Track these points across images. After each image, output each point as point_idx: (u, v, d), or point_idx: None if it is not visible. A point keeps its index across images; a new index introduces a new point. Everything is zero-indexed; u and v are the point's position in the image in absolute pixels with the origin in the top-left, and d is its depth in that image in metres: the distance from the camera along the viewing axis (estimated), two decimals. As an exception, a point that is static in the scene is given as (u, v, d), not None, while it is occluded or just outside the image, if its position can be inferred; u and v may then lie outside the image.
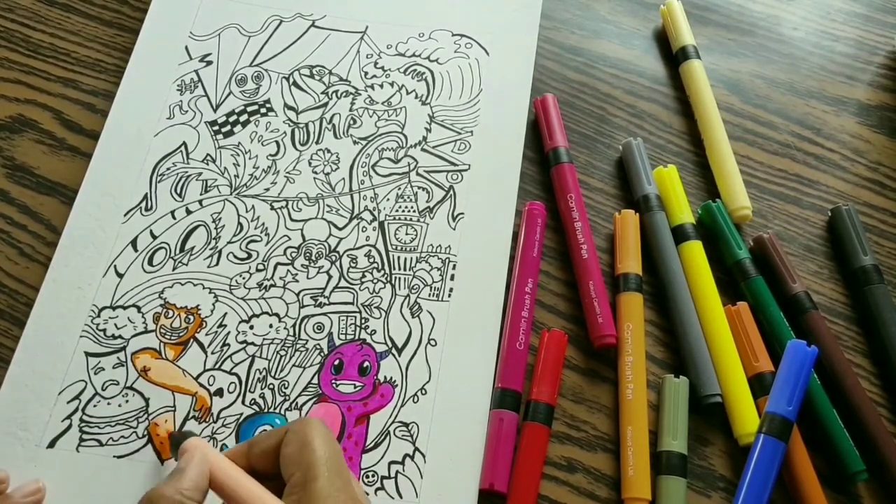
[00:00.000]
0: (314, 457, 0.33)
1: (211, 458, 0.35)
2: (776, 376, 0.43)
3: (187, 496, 0.33)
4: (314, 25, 0.55)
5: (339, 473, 0.33)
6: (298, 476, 0.33)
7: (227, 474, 0.34)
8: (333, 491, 0.32)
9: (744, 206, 0.48)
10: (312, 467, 0.33)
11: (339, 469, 0.33)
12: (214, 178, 0.50)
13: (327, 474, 0.33)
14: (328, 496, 0.32)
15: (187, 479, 0.33)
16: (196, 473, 0.34)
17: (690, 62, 0.53)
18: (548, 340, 0.44)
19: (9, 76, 0.54)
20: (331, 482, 0.32)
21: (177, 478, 0.33)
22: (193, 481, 0.33)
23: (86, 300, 0.46)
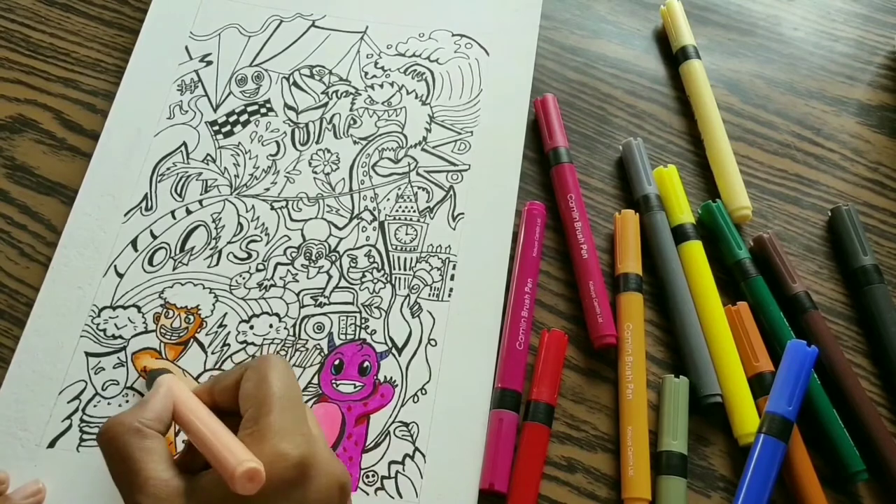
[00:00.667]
0: (269, 392, 0.33)
1: (176, 393, 0.35)
2: (776, 376, 0.43)
3: (146, 424, 0.33)
4: (314, 25, 0.55)
5: (293, 409, 0.33)
6: (252, 411, 0.33)
7: (189, 408, 0.35)
8: (285, 426, 0.32)
9: (744, 206, 0.48)
10: (266, 402, 0.33)
11: (293, 405, 0.34)
12: (214, 178, 0.50)
13: (279, 409, 0.33)
14: (279, 430, 0.32)
15: (149, 409, 0.34)
16: (159, 405, 0.34)
17: (690, 62, 0.53)
18: (548, 340, 0.44)
19: (9, 76, 0.54)
20: (282, 417, 0.33)
21: (139, 407, 0.34)
22: (155, 412, 0.34)
23: (86, 300, 0.46)
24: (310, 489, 0.32)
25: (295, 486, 0.32)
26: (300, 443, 0.32)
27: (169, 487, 0.32)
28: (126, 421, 0.33)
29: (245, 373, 0.35)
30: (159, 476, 0.32)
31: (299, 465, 0.32)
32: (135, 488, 0.32)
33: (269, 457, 0.31)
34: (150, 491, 0.32)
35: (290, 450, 0.32)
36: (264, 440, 0.32)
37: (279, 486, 0.31)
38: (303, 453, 0.32)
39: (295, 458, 0.32)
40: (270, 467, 0.31)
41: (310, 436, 0.33)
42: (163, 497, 0.31)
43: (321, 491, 0.32)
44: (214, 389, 0.36)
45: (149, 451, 0.32)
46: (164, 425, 0.34)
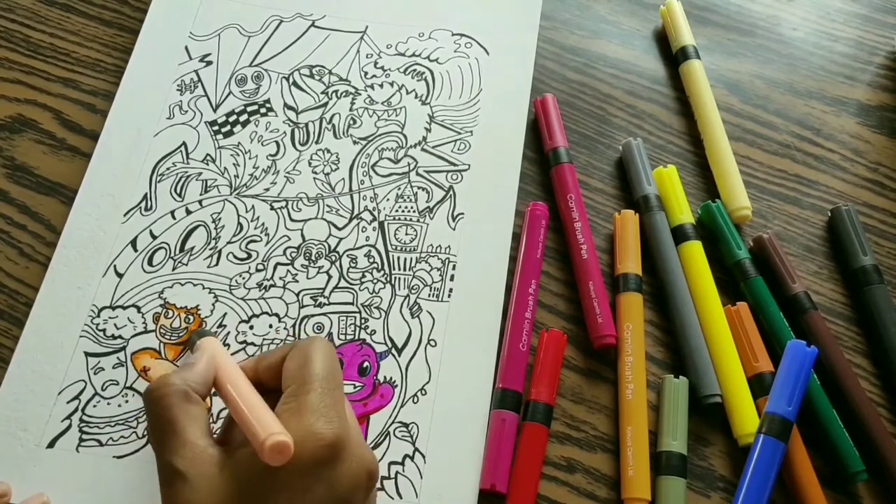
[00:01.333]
0: (311, 372, 0.34)
1: (219, 360, 0.36)
2: (776, 377, 0.43)
3: (192, 387, 0.34)
4: (314, 25, 0.55)
5: (332, 392, 0.34)
6: (294, 388, 0.34)
7: (229, 376, 0.36)
8: (322, 406, 0.33)
9: (743, 206, 0.48)
10: (308, 381, 0.34)
11: (334, 388, 0.34)
12: (214, 178, 0.50)
13: (320, 389, 0.34)
14: (317, 409, 0.33)
15: (195, 372, 0.35)
16: (203, 369, 0.36)
17: (690, 62, 0.53)
18: (546, 340, 0.44)
19: (9, 76, 0.54)
20: (322, 397, 0.33)
21: (185, 369, 0.35)
22: (200, 375, 0.35)
23: (85, 300, 0.46)
24: (340, 470, 0.32)
25: (325, 465, 0.32)
26: (336, 424, 0.33)
27: (205, 454, 0.33)
28: (176, 382, 0.34)
29: (290, 352, 0.36)
30: (197, 442, 0.33)
31: (332, 445, 0.32)
32: (171, 450, 0.33)
33: (303, 433, 0.32)
34: (186, 454, 0.32)
35: (324, 429, 0.32)
36: (301, 417, 0.33)
37: (310, 463, 0.32)
38: (337, 434, 0.33)
39: (329, 437, 0.32)
40: (304, 443, 0.32)
41: (344, 418, 0.34)
42: (197, 463, 0.32)
43: (350, 473, 0.33)
44: (259, 366, 0.37)
45: (191, 417, 0.34)
46: (206, 388, 0.35)
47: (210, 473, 0.32)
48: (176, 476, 0.32)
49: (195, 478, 0.32)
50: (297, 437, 0.32)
